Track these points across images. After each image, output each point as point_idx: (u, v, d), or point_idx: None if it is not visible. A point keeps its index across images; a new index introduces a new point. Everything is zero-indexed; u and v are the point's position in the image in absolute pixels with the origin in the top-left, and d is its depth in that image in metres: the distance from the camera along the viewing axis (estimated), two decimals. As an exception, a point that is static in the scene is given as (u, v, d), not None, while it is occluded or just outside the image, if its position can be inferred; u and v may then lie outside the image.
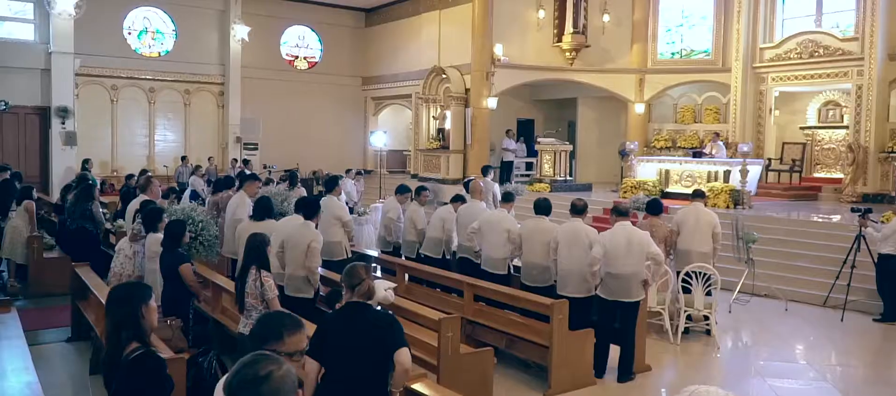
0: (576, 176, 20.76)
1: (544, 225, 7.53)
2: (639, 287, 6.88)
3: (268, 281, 5.30)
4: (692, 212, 8.96)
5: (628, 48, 19.70)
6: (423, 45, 21.26)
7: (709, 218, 8.80)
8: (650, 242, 6.99)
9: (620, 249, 6.82)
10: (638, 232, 7.04)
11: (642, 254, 6.83)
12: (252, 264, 5.33)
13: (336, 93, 23.70)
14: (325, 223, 8.84)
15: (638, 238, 6.93)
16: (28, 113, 18.45)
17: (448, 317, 5.72)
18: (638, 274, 6.84)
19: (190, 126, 21.36)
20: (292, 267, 6.79)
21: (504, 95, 20.05)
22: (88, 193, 9.34)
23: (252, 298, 5.27)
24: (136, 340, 3.32)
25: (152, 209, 7.56)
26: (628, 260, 6.79)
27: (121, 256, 7.22)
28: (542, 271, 7.35)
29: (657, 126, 20.00)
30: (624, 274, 6.80)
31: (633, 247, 6.82)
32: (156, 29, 20.79)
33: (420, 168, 20.77)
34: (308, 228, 6.79)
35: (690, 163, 15.35)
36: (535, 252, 7.42)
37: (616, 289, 6.84)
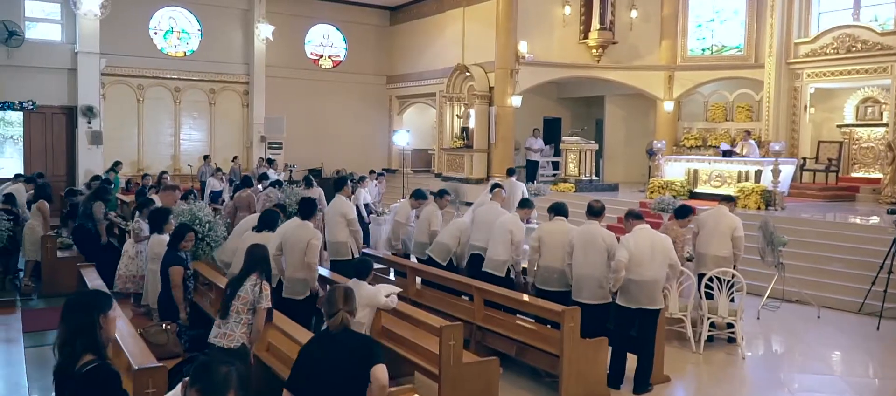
0: (603, 175, 20.36)
1: (563, 227, 7.22)
2: (660, 294, 6.58)
3: (267, 290, 5.15)
4: (714, 215, 8.56)
5: (657, 44, 19.19)
6: (448, 43, 21.00)
7: (729, 222, 8.35)
8: (671, 248, 6.68)
9: (645, 254, 6.50)
10: (660, 237, 6.72)
11: (665, 260, 6.54)
12: (254, 272, 5.14)
13: (360, 91, 23.56)
14: (332, 222, 8.66)
15: (661, 243, 6.63)
16: (55, 112, 18.60)
17: (450, 325, 5.45)
18: (659, 280, 6.54)
19: (215, 125, 21.38)
20: (291, 269, 6.61)
21: (530, 94, 19.71)
22: (96, 192, 9.26)
23: (241, 303, 5.05)
24: (91, 351, 3.12)
25: (159, 209, 7.45)
26: (653, 265, 6.47)
27: (125, 258, 7.12)
28: (560, 275, 7.04)
29: (687, 124, 19.46)
30: (647, 281, 6.46)
31: (657, 253, 6.52)
32: (181, 29, 20.84)
33: (444, 167, 20.52)
34: (305, 227, 6.65)
35: (720, 162, 14.83)
36: (553, 256, 7.10)
37: (639, 296, 6.49)
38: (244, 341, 5.01)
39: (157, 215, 7.26)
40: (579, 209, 15.34)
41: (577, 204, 15.72)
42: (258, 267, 5.18)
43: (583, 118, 22.80)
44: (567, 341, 6.01)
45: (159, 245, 6.80)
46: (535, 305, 6.45)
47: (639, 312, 6.51)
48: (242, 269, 5.24)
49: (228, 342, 4.95)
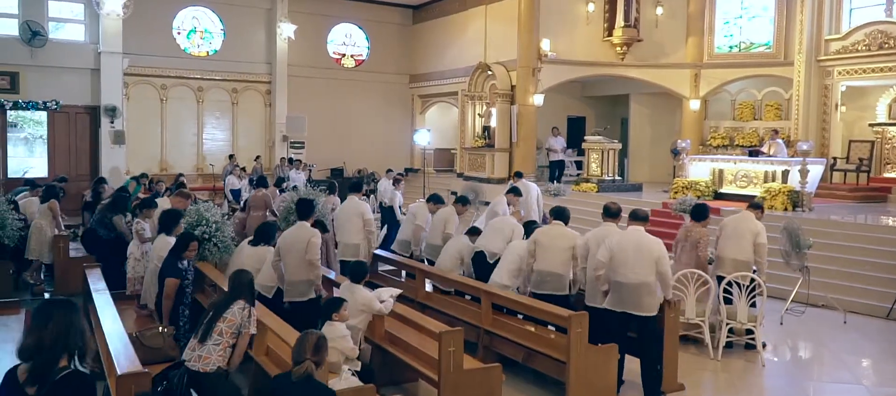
0: (627, 175, 20.01)
1: (561, 231, 7.01)
2: (650, 299, 6.16)
3: (255, 315, 5.02)
4: (737, 219, 8.23)
5: (683, 42, 18.79)
6: (470, 42, 20.81)
7: (752, 227, 7.93)
8: (663, 256, 6.27)
9: (628, 255, 6.21)
10: (650, 241, 6.35)
11: (651, 264, 6.16)
12: (241, 297, 4.98)
13: (383, 91, 23.47)
14: (346, 222, 8.52)
15: (649, 246, 6.26)
16: (78, 112, 18.78)
17: (449, 330, 5.28)
18: (646, 284, 6.13)
19: (238, 125, 21.44)
20: (292, 272, 6.48)
21: (554, 92, 19.44)
22: (114, 204, 9.24)
23: (227, 325, 4.84)
24: (67, 356, 3.03)
25: (170, 211, 7.36)
26: (636, 267, 6.15)
27: (131, 260, 7.06)
28: (555, 278, 6.81)
29: (714, 123, 19.02)
30: (630, 283, 6.15)
31: (643, 255, 6.19)
32: (205, 28, 20.93)
33: (465, 167, 20.33)
34: (303, 228, 6.53)
35: (746, 162, 14.43)
36: (547, 259, 6.88)
37: (622, 298, 6.20)
38: (220, 365, 4.77)
39: (168, 217, 7.17)
40: (601, 209, 15.17)
41: (600, 205, 15.46)
42: (244, 292, 5.00)
43: (607, 117, 22.41)
44: (574, 347, 5.79)
45: (164, 247, 6.72)
46: (542, 309, 6.23)
47: (624, 316, 6.23)
48: (227, 294, 5.08)
49: (204, 365, 4.70)
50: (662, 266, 6.19)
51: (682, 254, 7.97)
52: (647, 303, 6.15)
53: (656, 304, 6.18)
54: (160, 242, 6.97)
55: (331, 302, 5.50)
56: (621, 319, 6.21)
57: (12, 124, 18.87)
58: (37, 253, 9.52)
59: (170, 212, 7.33)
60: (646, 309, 6.15)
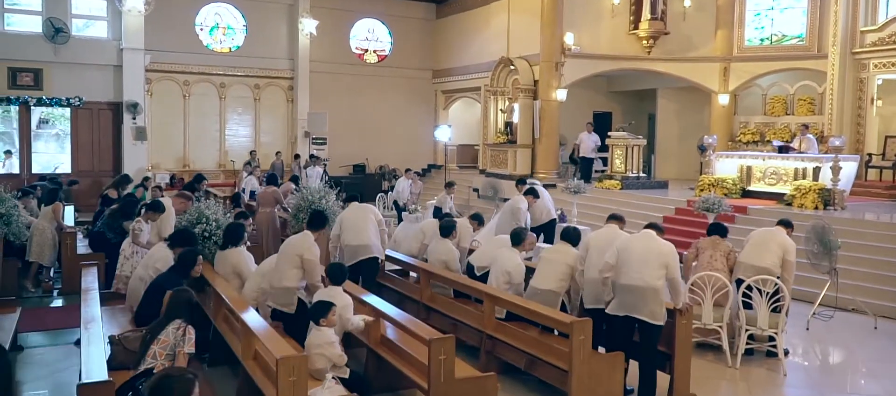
0: (654, 172, 19.52)
1: (566, 250, 6.69)
2: (657, 307, 5.78)
3: (192, 334, 4.69)
4: (766, 230, 7.77)
5: (712, 34, 18.21)
6: (493, 36, 20.46)
7: (781, 241, 7.43)
8: (672, 261, 5.86)
9: (634, 257, 5.87)
10: (661, 245, 5.96)
11: (660, 267, 5.79)
12: (178, 318, 4.72)
13: (406, 86, 23.23)
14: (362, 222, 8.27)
15: (659, 250, 5.88)
16: (101, 108, 18.86)
17: (440, 337, 4.99)
18: (651, 289, 5.75)
19: (260, 121, 21.39)
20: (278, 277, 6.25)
21: (578, 87, 19.02)
22: (123, 210, 9.11)
23: (160, 347, 4.59)
24: None
25: (184, 233, 7.06)
26: (642, 271, 5.78)
27: (121, 257, 6.88)
28: (546, 295, 6.51)
29: (744, 118, 18.42)
30: (634, 286, 5.79)
31: (651, 257, 5.83)
32: (227, 24, 20.89)
33: (488, 163, 20.01)
34: (305, 238, 6.44)
35: (775, 158, 13.88)
36: (544, 277, 6.56)
37: (626, 302, 5.85)
38: None
39: (179, 236, 6.84)
40: (626, 209, 14.72)
41: (622, 203, 15.07)
42: (182, 313, 4.75)
43: (634, 112, 21.92)
44: (576, 355, 5.47)
45: (162, 259, 6.43)
46: (543, 315, 5.92)
47: (628, 320, 5.88)
48: (163, 315, 4.82)
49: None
50: (673, 271, 5.82)
51: (703, 260, 7.55)
52: (652, 310, 5.76)
53: (662, 313, 5.79)
54: (159, 252, 6.69)
55: (318, 306, 5.25)
56: (625, 323, 5.87)
57: (44, 120, 19.07)
58: (37, 254, 9.43)
59: (185, 234, 6.94)
60: (650, 316, 5.76)
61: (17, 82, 17.84)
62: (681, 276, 5.98)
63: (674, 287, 5.90)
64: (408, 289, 8.17)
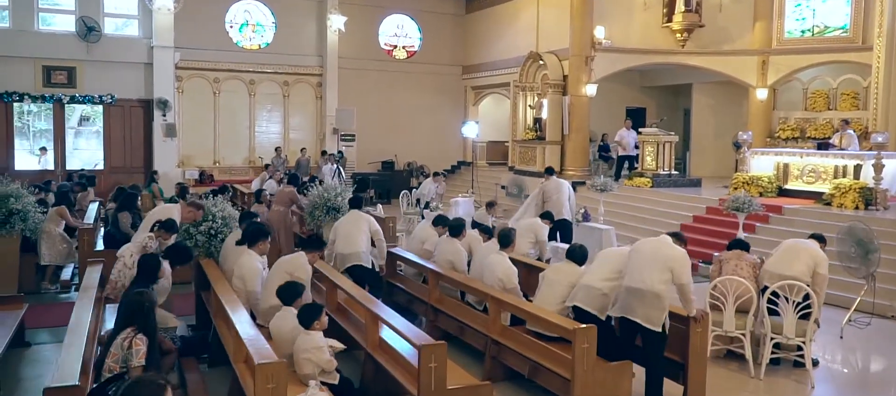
0: (688, 170, 18.97)
1: (569, 270, 6.29)
2: (655, 312, 5.42)
3: (140, 346, 4.34)
4: (799, 241, 7.28)
5: (750, 26, 17.55)
6: (522, 30, 20.10)
7: (814, 253, 6.94)
8: (681, 266, 5.50)
9: (642, 257, 5.58)
10: (670, 247, 5.63)
11: (664, 271, 5.44)
12: (131, 325, 4.43)
13: (435, 82, 22.99)
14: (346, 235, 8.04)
15: (666, 253, 5.54)
16: (133, 105, 19.05)
17: (431, 344, 4.73)
18: (653, 293, 5.41)
19: (289, 117, 21.40)
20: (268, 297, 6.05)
21: (610, 82, 18.57)
22: (124, 203, 9.03)
23: (112, 361, 4.34)
24: None
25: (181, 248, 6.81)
26: (645, 273, 5.45)
27: (119, 263, 6.69)
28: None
29: (783, 114, 17.73)
30: (635, 288, 5.49)
31: (657, 260, 5.49)
32: (256, 22, 20.93)
33: (516, 160, 19.67)
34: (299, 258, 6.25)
35: (813, 155, 13.28)
36: (544, 299, 6.23)
37: (627, 305, 5.54)
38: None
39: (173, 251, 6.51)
40: (655, 207, 14.28)
41: (651, 201, 14.62)
42: (135, 319, 4.44)
43: (668, 107, 21.37)
44: (579, 363, 5.17)
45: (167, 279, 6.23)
46: (546, 319, 5.62)
47: (625, 322, 5.58)
48: (116, 321, 4.56)
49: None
50: (680, 277, 5.47)
51: (726, 270, 7.13)
52: (647, 313, 5.42)
53: (660, 319, 5.43)
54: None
55: (309, 309, 5.03)
56: (624, 326, 5.55)
57: (85, 117, 19.36)
58: (48, 258, 9.44)
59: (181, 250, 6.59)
60: (645, 319, 5.43)
61: (52, 80, 18.14)
62: (691, 283, 5.60)
63: (682, 293, 5.56)
64: (417, 290, 7.93)
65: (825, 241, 7.32)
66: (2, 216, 8.78)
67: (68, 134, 18.98)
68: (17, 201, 8.87)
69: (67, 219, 9.73)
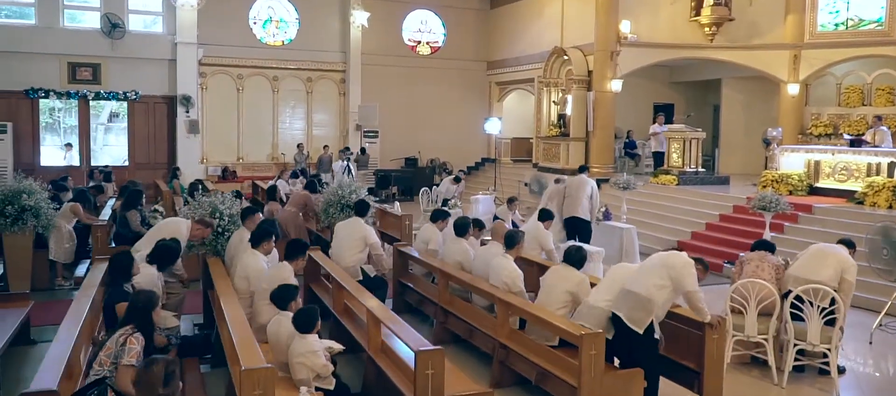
0: (717, 167, 18.51)
1: (567, 274, 6.03)
2: (635, 312, 5.20)
3: (134, 344, 4.25)
4: (826, 246, 6.94)
5: (781, 20, 17.02)
6: (546, 25, 19.77)
7: (841, 258, 6.59)
8: (685, 274, 5.27)
9: (647, 263, 5.45)
10: (674, 255, 5.45)
11: (663, 278, 5.24)
12: (128, 323, 4.36)
13: (459, 78, 22.76)
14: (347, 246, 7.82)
15: (670, 259, 5.37)
16: (157, 102, 19.13)
17: (428, 349, 4.53)
18: (646, 297, 5.20)
19: (312, 114, 21.35)
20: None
21: (637, 77, 18.20)
22: (128, 201, 8.93)
23: (105, 354, 4.25)
24: None
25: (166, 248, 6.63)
26: (644, 276, 5.24)
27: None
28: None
29: (816, 110, 17.19)
30: (629, 290, 5.31)
31: (657, 266, 5.31)
32: (280, 18, 20.90)
33: (540, 157, 19.36)
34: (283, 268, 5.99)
35: (845, 152, 12.81)
36: (548, 303, 5.98)
37: (619, 301, 5.37)
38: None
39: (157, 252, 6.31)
40: (679, 205, 13.90)
41: (677, 199, 14.24)
42: (135, 317, 4.37)
43: (697, 103, 20.87)
44: (586, 371, 4.93)
45: (148, 281, 5.94)
46: (551, 323, 5.39)
47: (615, 320, 5.36)
48: (122, 318, 4.46)
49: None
50: (685, 284, 5.26)
51: (747, 271, 6.81)
52: (631, 313, 5.23)
53: (641, 320, 5.19)
54: (143, 273, 6.04)
55: (305, 314, 4.85)
56: (617, 326, 5.35)
57: (115, 114, 19.52)
58: (54, 253, 9.42)
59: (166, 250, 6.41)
60: (629, 319, 5.23)
61: (77, 77, 18.27)
62: (698, 290, 5.33)
63: (690, 302, 5.33)
64: (427, 290, 7.74)
65: (854, 247, 6.95)
66: (14, 212, 8.75)
67: (96, 130, 19.15)
68: (30, 197, 8.84)
69: (80, 216, 9.70)
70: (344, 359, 6.64)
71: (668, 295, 5.27)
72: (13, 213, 8.75)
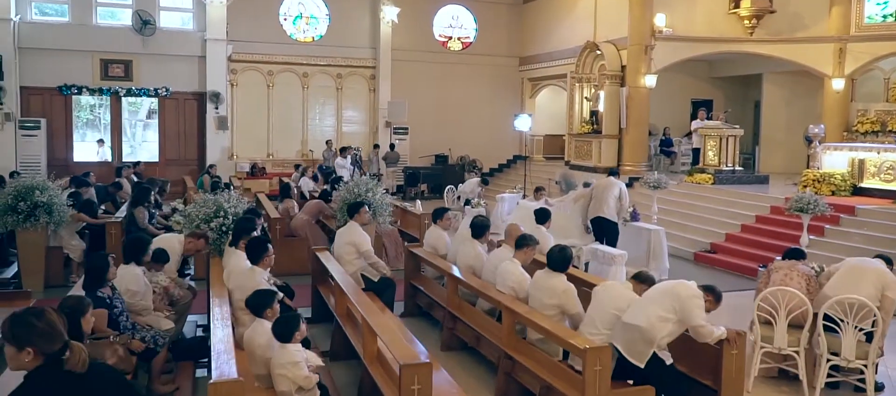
0: (758, 165, 17.80)
1: (550, 283, 5.60)
2: (642, 346, 4.83)
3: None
4: (862, 261, 6.38)
5: (825, 12, 16.26)
6: (579, 19, 19.26)
7: (881, 274, 6.01)
8: (689, 306, 4.85)
9: (651, 293, 5.02)
10: (681, 286, 5.00)
11: (667, 310, 4.84)
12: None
13: (491, 74, 22.36)
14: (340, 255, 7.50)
15: (677, 290, 4.93)
16: (187, 98, 19.18)
17: (413, 364, 4.20)
18: (646, 329, 4.82)
19: (342, 110, 21.21)
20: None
21: (675, 73, 17.63)
22: (137, 197, 8.79)
23: None
24: None
25: (137, 239, 6.43)
26: (646, 307, 4.81)
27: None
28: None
29: (862, 106, 16.36)
30: (628, 323, 4.90)
31: (664, 297, 4.89)
32: (310, 14, 20.80)
33: (572, 155, 18.88)
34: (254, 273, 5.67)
35: (892, 151, 12.11)
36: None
37: (617, 334, 4.97)
38: None
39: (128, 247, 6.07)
40: (714, 206, 13.33)
41: (711, 199, 13.66)
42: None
43: (738, 99, 20.14)
44: (590, 387, 4.55)
45: (133, 280, 5.74)
46: (556, 335, 5.02)
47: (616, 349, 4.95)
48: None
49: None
50: (692, 318, 4.85)
51: (775, 280, 6.32)
52: (629, 345, 4.87)
53: (644, 356, 4.82)
54: (125, 274, 5.80)
55: (285, 321, 4.57)
56: (620, 356, 4.96)
57: (153, 110, 19.64)
58: (68, 248, 9.34)
59: (138, 241, 6.23)
60: (627, 350, 4.86)
61: (109, 73, 18.41)
62: (706, 323, 4.90)
63: (698, 336, 4.91)
64: (438, 294, 7.42)
65: (892, 263, 6.39)
66: (27, 209, 8.70)
67: (134, 126, 19.34)
68: (43, 193, 8.78)
69: (85, 220, 9.58)
70: (344, 365, 6.40)
71: (672, 328, 4.87)
72: (25, 209, 8.71)
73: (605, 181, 10.86)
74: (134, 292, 5.67)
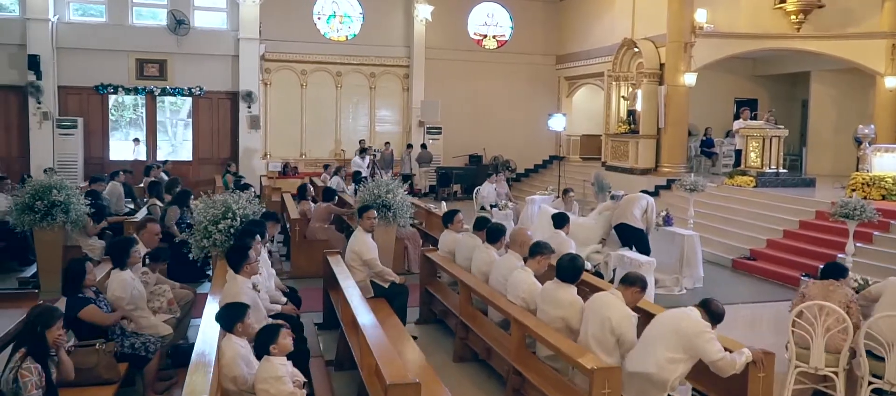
0: (805, 167, 17.02)
1: (558, 297, 5.20)
2: (654, 392, 4.45)
3: (28, 377, 3.71)
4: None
5: (877, 6, 15.39)
6: (617, 16, 18.69)
7: None
8: (704, 344, 4.43)
9: (653, 331, 4.59)
10: (688, 321, 4.54)
11: (678, 349, 4.43)
12: (20, 346, 3.82)
13: (527, 73, 21.93)
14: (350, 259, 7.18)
15: (685, 327, 4.50)
16: (220, 97, 19.19)
17: (401, 383, 3.88)
18: (654, 376, 4.44)
19: (375, 110, 21.03)
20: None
21: (717, 71, 16.96)
22: (150, 189, 8.67)
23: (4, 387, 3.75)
24: None
25: (122, 240, 6.23)
26: (646, 352, 4.43)
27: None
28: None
29: (918, 105, 15.48)
30: (628, 371, 4.51)
31: (671, 336, 4.47)
32: (344, 13, 20.67)
33: (609, 155, 18.34)
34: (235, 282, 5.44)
35: (949, 153, 11.35)
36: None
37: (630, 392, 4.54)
38: None
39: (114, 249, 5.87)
40: (755, 210, 12.70)
41: (752, 203, 13.03)
42: (24, 339, 3.81)
43: (784, 98, 19.31)
44: (599, 412, 4.17)
45: (120, 286, 5.53)
46: (567, 354, 4.63)
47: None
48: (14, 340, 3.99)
49: None
50: (709, 354, 4.43)
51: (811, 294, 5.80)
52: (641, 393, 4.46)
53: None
54: (114, 278, 5.65)
55: (267, 331, 4.29)
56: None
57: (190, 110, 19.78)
58: (86, 248, 9.26)
59: (123, 242, 6.03)
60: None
61: (144, 73, 18.53)
62: (725, 356, 4.46)
63: (719, 370, 4.47)
64: (451, 301, 7.09)
65: None
66: (44, 208, 8.65)
67: (176, 125, 19.48)
68: (60, 192, 8.72)
69: (95, 232, 9.46)
70: (348, 375, 6.12)
71: (684, 368, 4.47)
72: (42, 209, 8.65)
73: (633, 194, 10.35)
74: (119, 297, 5.45)
